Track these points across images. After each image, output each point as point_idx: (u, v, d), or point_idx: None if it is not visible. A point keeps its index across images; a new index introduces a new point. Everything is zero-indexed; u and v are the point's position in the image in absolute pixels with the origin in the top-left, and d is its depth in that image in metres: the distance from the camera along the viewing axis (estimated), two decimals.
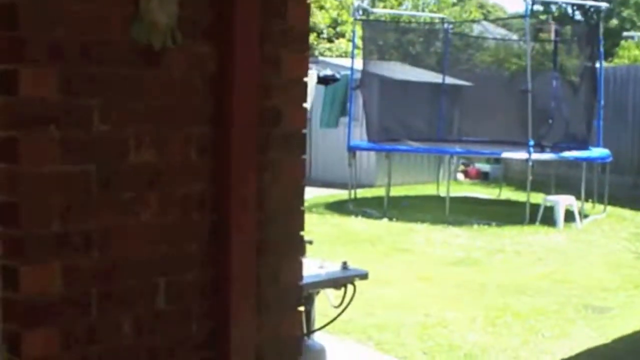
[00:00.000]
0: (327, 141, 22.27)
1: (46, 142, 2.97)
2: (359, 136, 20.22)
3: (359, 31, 20.12)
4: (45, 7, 2.93)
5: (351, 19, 23.79)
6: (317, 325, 5.81)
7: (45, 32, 2.93)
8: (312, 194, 18.75)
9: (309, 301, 5.52)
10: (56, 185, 3.00)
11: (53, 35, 2.96)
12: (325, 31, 31.89)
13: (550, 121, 18.69)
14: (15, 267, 2.95)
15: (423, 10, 35.38)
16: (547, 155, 17.46)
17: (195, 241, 3.44)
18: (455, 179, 23.04)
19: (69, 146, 3.02)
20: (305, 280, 4.14)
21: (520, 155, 17.10)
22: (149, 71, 3.23)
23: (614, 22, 35.13)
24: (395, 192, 19.39)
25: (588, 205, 17.69)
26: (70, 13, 2.99)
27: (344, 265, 5.66)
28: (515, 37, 26.92)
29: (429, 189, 21.17)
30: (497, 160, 22.47)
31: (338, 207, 17.95)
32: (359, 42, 20.12)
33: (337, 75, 19.77)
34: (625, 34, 32.49)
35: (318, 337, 5.93)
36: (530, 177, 16.64)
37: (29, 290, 2.96)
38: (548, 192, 17.98)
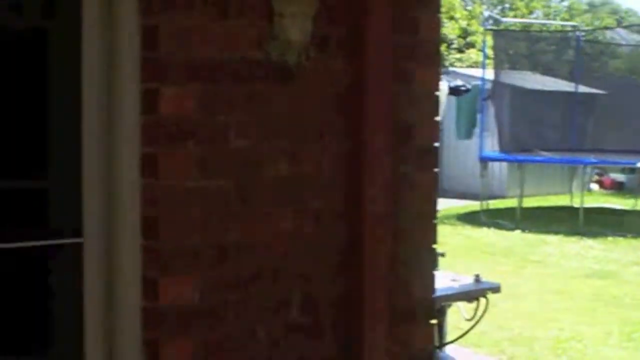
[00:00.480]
0: (459, 152, 22.15)
1: (185, 157, 3.05)
2: (491, 147, 20.04)
3: (489, 41, 19.99)
4: (185, 27, 3.02)
5: (481, 29, 23.69)
6: (449, 338, 5.80)
7: (185, 51, 3.02)
8: (444, 205, 18.66)
9: (441, 314, 5.52)
10: (194, 199, 3.08)
11: (192, 54, 3.04)
12: (455, 41, 31.75)
13: None
14: (154, 278, 3.04)
15: (554, 19, 34.90)
16: None
17: (330, 253, 3.47)
18: (589, 190, 22.61)
19: (206, 161, 3.10)
20: (437, 293, 4.15)
21: None
22: (283, 87, 3.28)
23: None
24: (528, 203, 19.13)
25: None
26: (208, 32, 3.07)
27: (477, 278, 5.64)
28: None
29: (562, 200, 20.83)
30: (633, 170, 21.96)
31: (470, 218, 17.83)
32: (489, 52, 19.96)
33: (468, 86, 19.66)
34: None
35: (450, 350, 5.93)
36: None
37: (168, 300, 3.05)
38: None
